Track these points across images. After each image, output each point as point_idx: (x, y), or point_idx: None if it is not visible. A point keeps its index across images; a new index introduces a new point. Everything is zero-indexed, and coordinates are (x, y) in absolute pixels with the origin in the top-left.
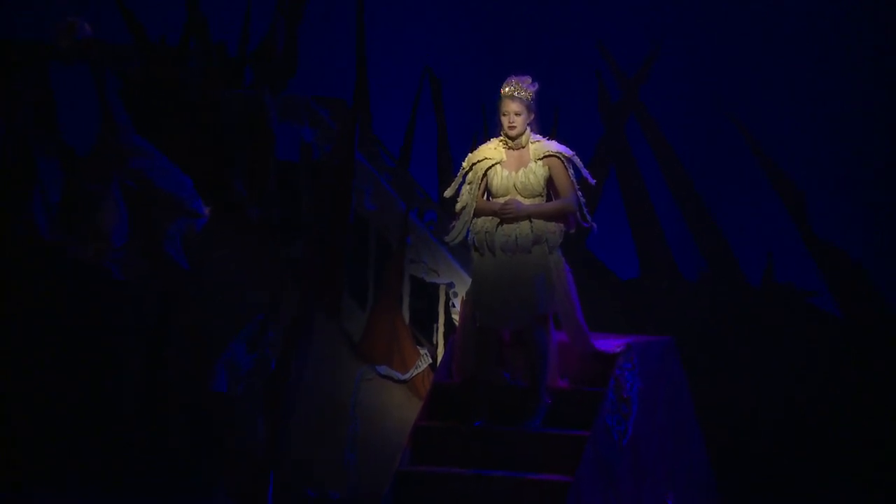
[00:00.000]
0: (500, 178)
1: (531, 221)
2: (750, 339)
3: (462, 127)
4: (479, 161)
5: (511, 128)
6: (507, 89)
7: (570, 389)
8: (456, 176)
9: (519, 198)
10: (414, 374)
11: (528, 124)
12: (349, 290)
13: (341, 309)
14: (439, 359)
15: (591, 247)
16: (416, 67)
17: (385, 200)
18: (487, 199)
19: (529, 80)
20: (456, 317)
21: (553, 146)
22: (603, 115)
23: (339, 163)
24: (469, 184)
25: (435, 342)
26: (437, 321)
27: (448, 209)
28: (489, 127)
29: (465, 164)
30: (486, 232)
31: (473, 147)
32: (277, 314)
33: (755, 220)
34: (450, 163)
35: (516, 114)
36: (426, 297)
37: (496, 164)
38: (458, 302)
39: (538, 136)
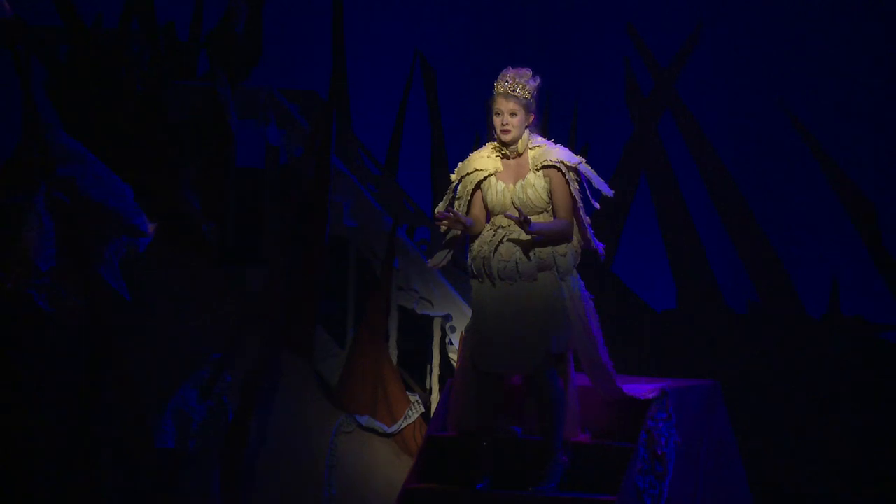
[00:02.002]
0: (494, 192)
1: (533, 242)
2: (810, 384)
3: (461, 126)
4: (469, 173)
5: (505, 131)
6: (501, 85)
7: (593, 444)
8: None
9: (513, 226)
10: (403, 425)
11: (526, 127)
12: (324, 324)
13: (314, 347)
14: (433, 408)
15: (618, 271)
16: (406, 53)
17: (368, 215)
18: (487, 217)
19: (529, 74)
20: (454, 356)
21: (555, 153)
22: (632, 110)
23: (313, 170)
24: (458, 199)
25: (428, 387)
26: (430, 362)
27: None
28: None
29: (454, 176)
30: (482, 257)
31: (474, 150)
32: (236, 354)
33: (816, 238)
34: (446, 170)
35: (511, 114)
36: (418, 333)
37: (490, 175)
38: (456, 339)
39: (540, 139)
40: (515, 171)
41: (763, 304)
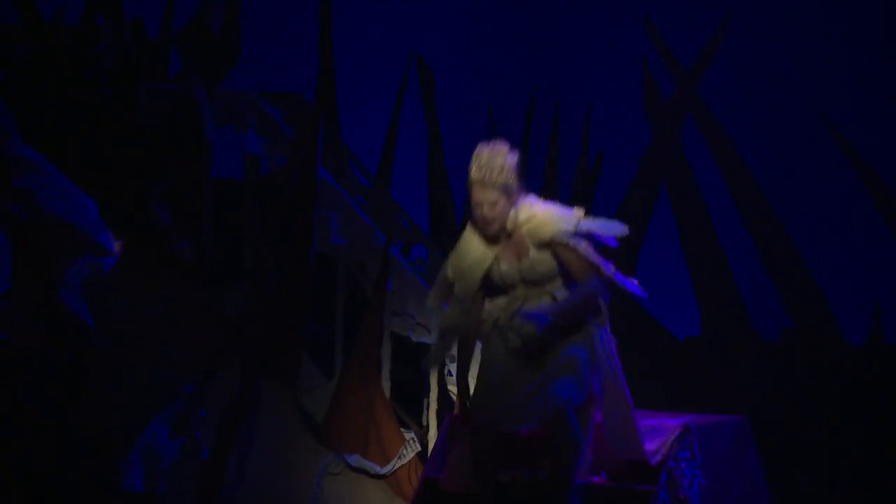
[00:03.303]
0: (499, 274)
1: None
2: (850, 418)
3: (462, 134)
4: (467, 269)
5: (487, 223)
6: (476, 171)
7: (609, 487)
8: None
9: (530, 292)
10: (397, 466)
11: (512, 205)
12: (310, 353)
13: (299, 379)
14: (431, 446)
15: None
16: (401, 53)
17: (358, 232)
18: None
19: (505, 151)
20: (453, 389)
21: (549, 225)
22: (650, 116)
23: (297, 181)
24: (459, 301)
25: (425, 423)
26: (427, 395)
27: (443, 243)
28: (498, 135)
29: (448, 273)
30: (497, 327)
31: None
32: (212, 385)
33: (856, 258)
34: (445, 182)
35: (492, 204)
36: (413, 363)
37: (491, 264)
38: (455, 370)
39: (527, 205)
40: (515, 247)
41: (797, 330)
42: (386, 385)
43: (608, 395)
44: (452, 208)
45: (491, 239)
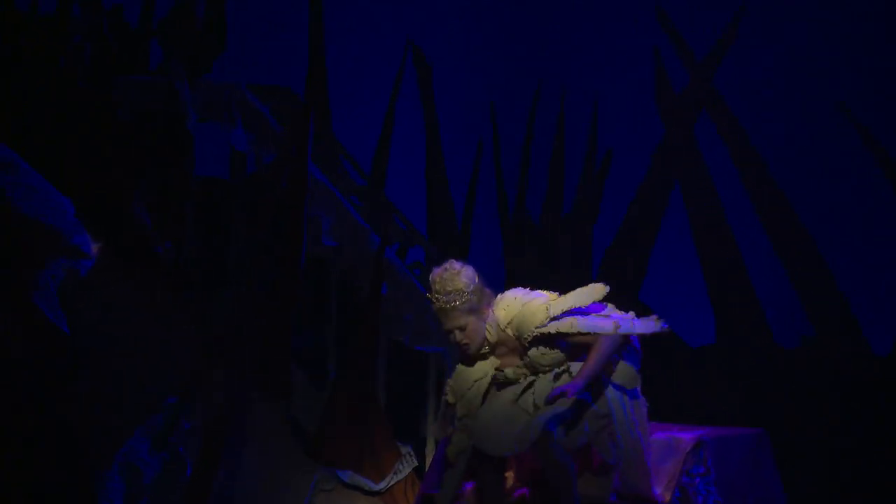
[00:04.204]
0: (506, 378)
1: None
2: (874, 432)
3: (461, 130)
4: (469, 391)
5: (464, 347)
6: (434, 301)
7: None
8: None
9: (547, 377)
10: (392, 481)
11: (484, 320)
12: (300, 361)
13: (289, 389)
14: (428, 461)
15: (647, 299)
16: (397, 45)
17: (351, 233)
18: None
19: (457, 271)
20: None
21: (528, 321)
22: (662, 109)
23: (286, 180)
24: (461, 420)
25: (422, 436)
26: (425, 406)
27: (440, 243)
28: (499, 133)
29: (449, 398)
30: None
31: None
32: (196, 396)
33: (882, 263)
34: (443, 181)
35: (461, 329)
36: (410, 372)
37: (492, 378)
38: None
39: (500, 306)
40: (510, 351)
41: (819, 339)
42: (381, 396)
43: (625, 461)
44: (451, 209)
45: (483, 356)
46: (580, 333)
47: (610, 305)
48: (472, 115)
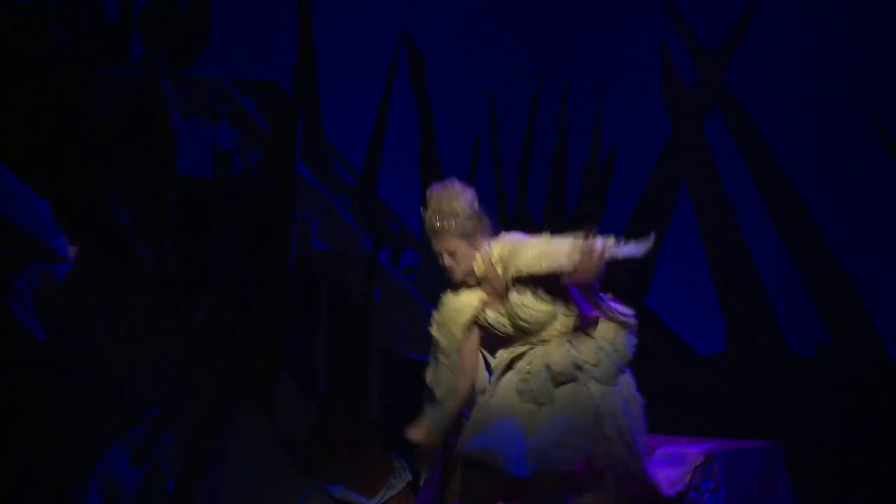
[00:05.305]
0: (488, 322)
1: (572, 343)
2: (893, 444)
3: (457, 126)
4: (448, 319)
5: (451, 272)
6: (428, 220)
7: None
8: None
9: (534, 339)
10: (385, 497)
11: (476, 248)
12: (288, 371)
13: (277, 400)
14: (423, 475)
15: (654, 304)
16: (390, 36)
17: (342, 236)
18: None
19: (457, 191)
20: None
21: (518, 260)
22: (670, 106)
23: (274, 179)
24: (445, 355)
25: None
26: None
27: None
28: (498, 130)
29: (433, 333)
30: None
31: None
32: (178, 409)
33: None
34: (440, 180)
35: (451, 254)
36: (404, 381)
37: (475, 313)
38: None
39: (497, 242)
40: (493, 292)
41: (835, 347)
42: (373, 407)
43: (621, 461)
44: None
45: (471, 286)
46: (562, 282)
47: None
48: (469, 111)
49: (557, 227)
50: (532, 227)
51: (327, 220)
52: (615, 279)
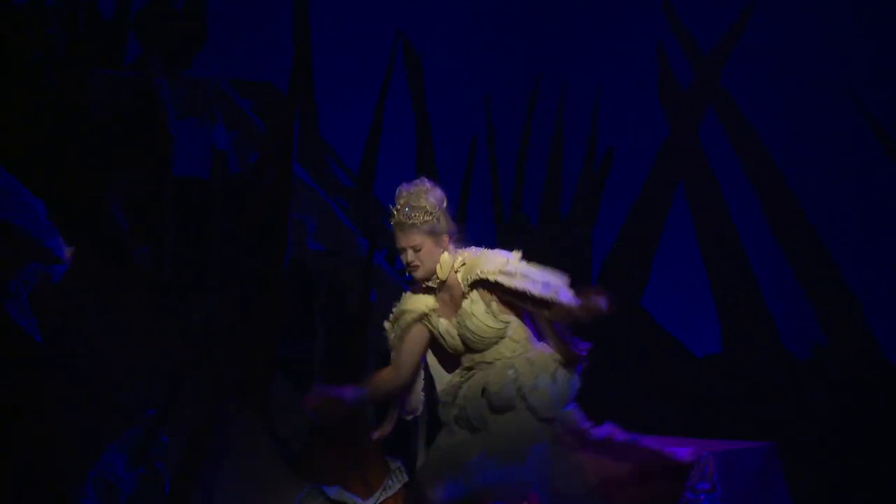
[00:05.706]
0: (439, 331)
1: (515, 368)
2: (890, 445)
3: (455, 128)
4: (399, 315)
5: (413, 268)
6: (395, 214)
7: None
8: None
9: (478, 358)
10: (381, 498)
11: (441, 251)
12: (284, 372)
13: (273, 401)
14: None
15: (649, 305)
16: (386, 37)
17: (338, 237)
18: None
19: (425, 188)
20: None
21: (480, 263)
22: (667, 107)
23: (270, 180)
24: (391, 348)
25: (414, 451)
26: (417, 418)
27: None
28: (494, 131)
29: (385, 324)
30: (447, 404)
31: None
32: (175, 410)
33: None
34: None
35: (415, 249)
36: None
37: (427, 315)
38: None
39: (465, 251)
40: (450, 300)
41: (831, 348)
42: (370, 408)
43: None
44: None
45: (429, 290)
46: (527, 291)
47: None
48: (466, 112)
49: (553, 227)
50: (526, 228)
51: (323, 221)
52: (615, 279)
